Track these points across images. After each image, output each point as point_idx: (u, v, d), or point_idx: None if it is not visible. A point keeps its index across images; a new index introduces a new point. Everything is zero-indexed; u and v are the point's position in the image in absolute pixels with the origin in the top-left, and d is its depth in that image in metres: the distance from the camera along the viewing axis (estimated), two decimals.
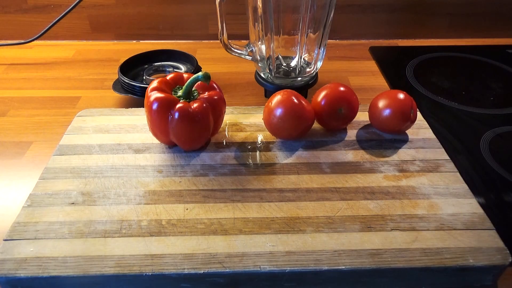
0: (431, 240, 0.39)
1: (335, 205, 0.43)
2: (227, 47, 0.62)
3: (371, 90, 0.69)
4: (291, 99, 0.49)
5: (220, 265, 0.37)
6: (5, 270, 0.36)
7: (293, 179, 0.46)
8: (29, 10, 0.80)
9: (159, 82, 0.48)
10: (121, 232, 0.40)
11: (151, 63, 0.69)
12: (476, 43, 0.85)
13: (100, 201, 0.43)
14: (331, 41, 0.86)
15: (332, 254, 0.38)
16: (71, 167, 0.48)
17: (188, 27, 0.84)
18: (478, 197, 0.45)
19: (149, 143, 0.52)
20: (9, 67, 0.76)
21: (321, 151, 0.50)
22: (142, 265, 0.37)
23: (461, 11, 0.84)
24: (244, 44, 0.64)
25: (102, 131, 0.54)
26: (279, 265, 0.37)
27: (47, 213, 0.42)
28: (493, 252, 0.38)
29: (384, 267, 0.37)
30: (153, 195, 0.44)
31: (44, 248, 0.38)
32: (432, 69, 0.76)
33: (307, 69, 0.63)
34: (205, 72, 0.45)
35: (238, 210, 0.43)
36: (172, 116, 0.45)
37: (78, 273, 0.36)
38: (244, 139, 0.53)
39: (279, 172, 0.47)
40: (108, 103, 0.66)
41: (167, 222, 0.41)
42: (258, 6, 0.56)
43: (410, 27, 0.86)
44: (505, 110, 0.64)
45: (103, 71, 0.74)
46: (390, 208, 0.43)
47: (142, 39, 0.85)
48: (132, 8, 0.81)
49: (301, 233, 0.40)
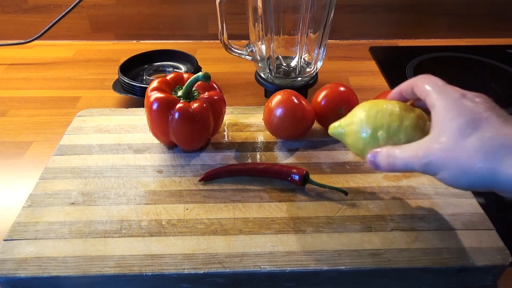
0: (431, 240, 0.39)
1: (335, 205, 0.43)
2: (227, 47, 0.62)
3: (371, 90, 0.69)
4: (291, 99, 0.49)
5: (220, 265, 0.37)
6: (5, 270, 0.36)
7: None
8: (29, 10, 0.80)
9: (159, 82, 0.48)
10: (121, 232, 0.40)
11: (151, 63, 0.69)
12: (476, 43, 0.85)
13: (100, 201, 0.43)
14: (331, 41, 0.86)
15: (332, 254, 0.38)
16: (71, 167, 0.48)
17: (188, 27, 0.84)
18: (478, 197, 0.45)
19: (149, 143, 0.52)
20: (9, 67, 0.76)
21: (321, 151, 0.50)
22: (142, 265, 0.37)
23: (461, 11, 0.84)
24: (244, 44, 0.64)
25: (102, 131, 0.54)
26: (279, 265, 0.37)
27: (47, 213, 0.42)
28: (493, 252, 0.38)
29: (384, 267, 0.37)
30: (153, 195, 0.44)
31: (44, 248, 0.38)
32: (432, 69, 0.76)
33: (307, 69, 0.63)
34: (205, 72, 0.45)
35: (238, 210, 0.43)
36: (172, 116, 0.45)
37: (78, 273, 0.36)
38: (244, 139, 0.53)
39: None
40: (108, 103, 0.66)
41: (167, 222, 0.41)
42: (258, 6, 0.56)
43: (410, 27, 0.86)
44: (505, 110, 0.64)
45: (103, 71, 0.74)
46: (390, 208, 0.43)
47: (142, 39, 0.85)
48: (132, 8, 0.81)
49: (301, 233, 0.40)
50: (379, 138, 0.38)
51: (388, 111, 0.38)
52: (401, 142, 0.37)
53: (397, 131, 0.37)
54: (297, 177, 0.44)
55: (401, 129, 0.37)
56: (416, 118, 0.37)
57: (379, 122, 0.38)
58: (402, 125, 0.37)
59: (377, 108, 0.39)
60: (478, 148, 0.30)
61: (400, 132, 0.37)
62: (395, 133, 0.37)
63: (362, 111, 0.39)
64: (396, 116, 0.37)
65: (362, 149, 0.39)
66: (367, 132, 0.38)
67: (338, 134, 0.42)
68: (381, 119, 0.38)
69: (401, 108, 0.38)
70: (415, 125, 0.37)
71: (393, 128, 0.37)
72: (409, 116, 0.37)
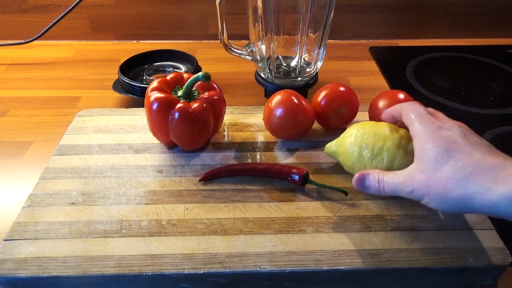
0: (431, 240, 0.39)
1: (335, 205, 0.43)
2: (227, 47, 0.62)
3: (371, 90, 0.69)
4: (291, 99, 0.49)
5: (220, 265, 0.37)
6: (5, 270, 0.36)
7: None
8: (29, 10, 0.80)
9: (159, 82, 0.48)
10: (121, 232, 0.40)
11: (151, 63, 0.69)
12: (476, 43, 0.85)
13: (100, 201, 0.43)
14: (331, 41, 0.86)
15: (332, 254, 0.38)
16: (71, 167, 0.48)
17: (188, 27, 0.84)
18: None
19: (149, 143, 0.52)
20: (9, 67, 0.76)
21: (321, 151, 0.50)
22: (142, 265, 0.37)
23: (461, 11, 0.84)
24: (244, 44, 0.64)
25: (102, 131, 0.54)
26: (279, 265, 0.37)
27: (47, 213, 0.42)
28: (493, 252, 0.38)
29: (384, 267, 0.37)
30: (153, 195, 0.44)
31: (44, 248, 0.38)
32: (432, 69, 0.76)
33: (307, 69, 0.63)
34: (205, 72, 0.45)
35: (238, 210, 0.43)
36: (172, 116, 0.45)
37: (78, 273, 0.36)
38: (244, 139, 0.53)
39: None
40: (108, 103, 0.66)
41: (167, 222, 0.41)
42: (258, 6, 0.56)
43: (410, 27, 0.86)
44: (505, 110, 0.64)
45: (103, 71, 0.74)
46: (390, 208, 0.43)
47: (142, 39, 0.85)
48: (132, 8, 0.81)
49: (301, 233, 0.40)
50: (364, 157, 0.42)
51: (373, 132, 0.42)
52: (384, 161, 0.41)
53: (380, 151, 0.41)
54: (297, 177, 0.44)
55: (383, 148, 0.41)
56: (399, 138, 0.41)
57: (365, 142, 0.42)
58: (385, 145, 0.41)
59: (363, 130, 0.43)
60: (451, 176, 0.33)
61: (383, 152, 0.41)
62: (378, 153, 0.41)
63: (352, 132, 0.44)
64: (380, 137, 0.42)
65: (352, 167, 0.44)
66: (354, 151, 0.43)
67: (332, 153, 0.46)
68: (366, 140, 0.42)
69: (386, 129, 0.42)
70: (398, 145, 0.41)
71: (376, 148, 0.41)
72: (392, 137, 0.41)
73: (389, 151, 0.41)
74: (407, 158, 0.40)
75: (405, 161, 0.40)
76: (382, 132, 0.42)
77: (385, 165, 0.41)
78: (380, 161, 0.41)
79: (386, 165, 0.41)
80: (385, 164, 0.41)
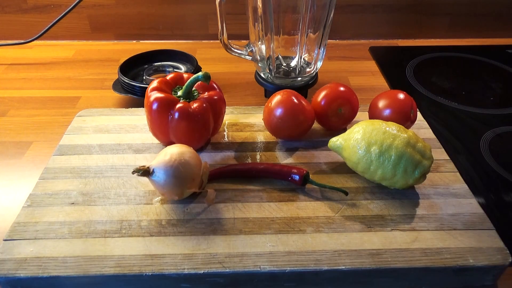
0: (431, 240, 0.39)
1: (335, 205, 0.43)
2: (227, 47, 0.62)
3: (371, 90, 0.69)
4: (291, 99, 0.49)
5: (220, 265, 0.37)
6: (5, 270, 0.36)
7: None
8: (29, 10, 0.80)
9: (159, 82, 0.48)
10: (121, 232, 0.40)
11: (151, 63, 0.69)
12: (476, 43, 0.85)
13: (100, 201, 0.43)
14: (331, 41, 0.86)
15: (332, 254, 0.38)
16: (71, 167, 0.48)
17: (188, 27, 0.84)
18: (478, 197, 0.45)
19: (149, 143, 0.52)
20: (9, 67, 0.76)
21: (321, 151, 0.50)
22: (142, 265, 0.37)
23: (461, 11, 0.84)
24: (244, 44, 0.64)
25: (102, 131, 0.54)
26: (279, 265, 0.37)
27: (47, 213, 0.42)
28: (493, 252, 0.38)
29: (384, 267, 0.37)
30: (153, 195, 0.44)
31: (44, 248, 0.38)
32: (432, 69, 0.76)
33: (307, 69, 0.63)
34: (205, 72, 0.45)
35: (238, 210, 0.42)
36: (172, 116, 0.45)
37: (78, 273, 0.36)
38: (244, 139, 0.53)
39: None
40: (108, 103, 0.66)
41: (167, 222, 0.41)
42: (258, 6, 0.56)
43: (410, 27, 0.86)
44: (505, 110, 0.64)
45: (103, 71, 0.74)
46: (390, 208, 0.43)
47: (142, 39, 0.85)
48: (132, 8, 0.81)
49: (301, 233, 0.40)
50: (371, 153, 0.42)
51: (383, 129, 0.43)
52: (391, 158, 0.41)
53: (389, 148, 0.41)
54: (297, 177, 0.44)
55: (392, 146, 0.41)
56: (407, 137, 0.42)
57: (374, 138, 0.42)
58: (394, 142, 0.42)
59: (373, 127, 0.43)
60: None
61: (392, 149, 0.41)
62: (387, 150, 0.42)
63: (360, 128, 0.44)
64: (390, 134, 0.42)
65: (356, 163, 0.44)
66: (362, 147, 0.43)
67: (337, 148, 0.46)
68: (375, 136, 0.42)
69: (395, 128, 0.43)
70: (406, 143, 0.42)
71: (385, 145, 0.42)
72: (402, 135, 0.42)
73: (397, 149, 0.41)
74: (414, 157, 0.41)
75: (412, 160, 0.41)
76: (391, 130, 0.43)
77: (392, 163, 0.41)
78: (387, 158, 0.41)
79: (393, 163, 0.41)
80: (392, 162, 0.41)
